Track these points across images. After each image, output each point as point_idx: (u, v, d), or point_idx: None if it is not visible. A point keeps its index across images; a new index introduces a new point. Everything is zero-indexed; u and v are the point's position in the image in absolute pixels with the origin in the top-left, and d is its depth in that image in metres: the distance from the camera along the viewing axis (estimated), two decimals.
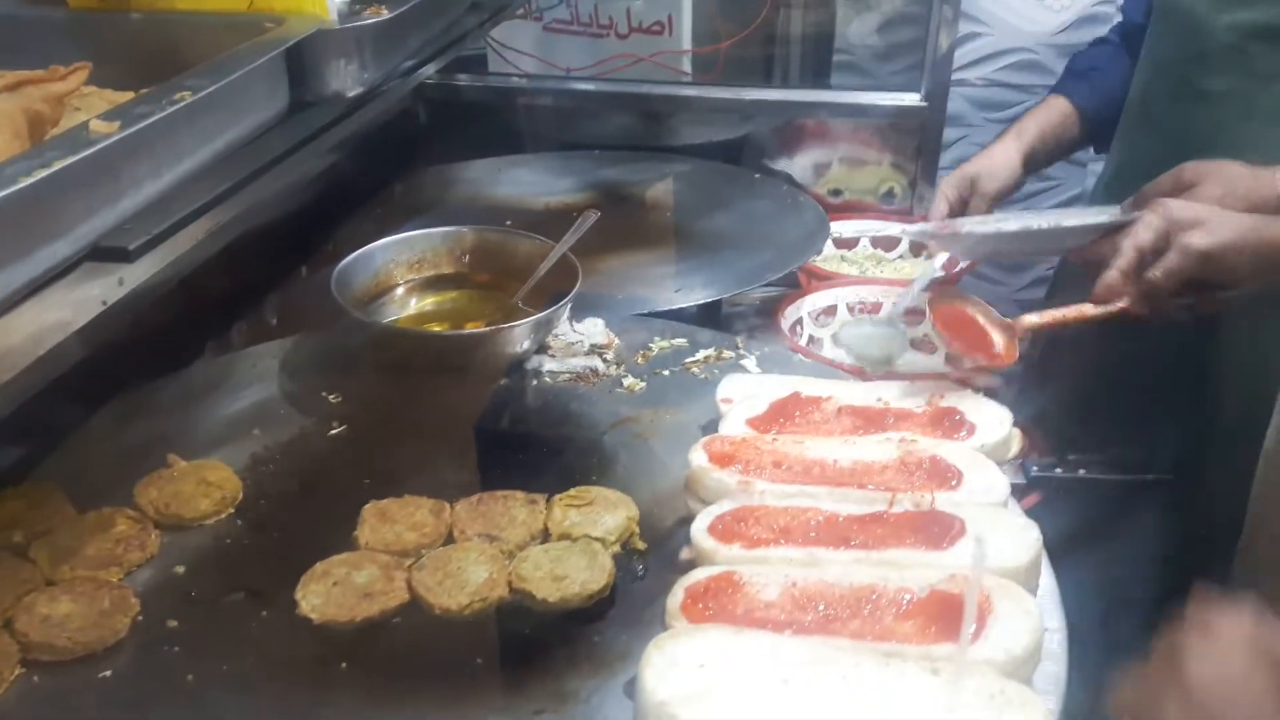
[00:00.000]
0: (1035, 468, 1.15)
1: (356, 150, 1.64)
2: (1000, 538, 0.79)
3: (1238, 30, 1.22)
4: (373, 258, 1.18)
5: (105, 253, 0.63)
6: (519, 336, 1.11)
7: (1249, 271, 0.98)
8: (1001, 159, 1.47)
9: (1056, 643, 0.79)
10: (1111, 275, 1.00)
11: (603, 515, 0.93)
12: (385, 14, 0.92)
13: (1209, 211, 1.00)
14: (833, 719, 0.65)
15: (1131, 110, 1.42)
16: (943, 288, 1.49)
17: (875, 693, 0.66)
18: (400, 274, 1.22)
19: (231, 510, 0.95)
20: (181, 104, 0.68)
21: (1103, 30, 2.05)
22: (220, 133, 0.75)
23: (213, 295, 1.29)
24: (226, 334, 1.31)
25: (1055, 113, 1.52)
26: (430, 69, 1.12)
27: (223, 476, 0.97)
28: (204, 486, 0.95)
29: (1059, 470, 1.16)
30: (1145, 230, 1.00)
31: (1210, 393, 1.27)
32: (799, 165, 1.99)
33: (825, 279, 1.58)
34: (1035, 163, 1.50)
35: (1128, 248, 1.00)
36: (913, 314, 1.48)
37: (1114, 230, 1.05)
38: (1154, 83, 1.36)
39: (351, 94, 0.92)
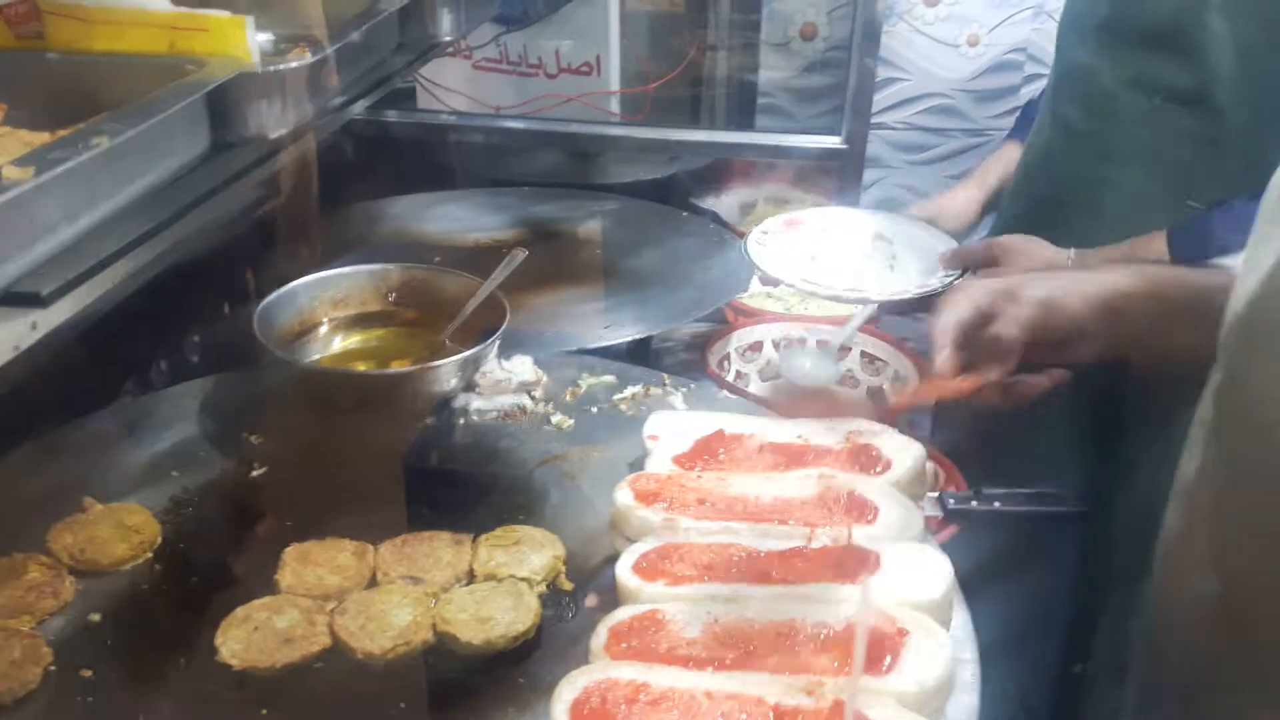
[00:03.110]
0: (952, 500, 1.18)
1: (279, 185, 1.64)
2: (914, 572, 0.82)
3: (1121, 81, 1.29)
4: (296, 296, 1.18)
5: (18, 298, 0.62)
6: (445, 375, 1.12)
7: (1089, 319, 0.95)
8: (963, 201, 1.57)
9: (970, 674, 0.81)
10: (943, 355, 0.96)
11: (529, 555, 0.94)
12: (309, 56, 0.93)
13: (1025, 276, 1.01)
14: None
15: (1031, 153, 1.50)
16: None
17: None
18: (324, 312, 1.21)
19: (150, 554, 0.93)
20: (99, 149, 0.67)
21: (1015, 77, 2.15)
22: (138, 176, 0.74)
23: (133, 335, 1.27)
24: (147, 374, 1.29)
25: (1010, 160, 1.61)
26: (356, 108, 1.12)
27: (141, 520, 0.95)
28: (121, 530, 0.93)
29: (975, 503, 1.19)
30: (965, 301, 0.97)
31: (1123, 425, 1.33)
32: (725, 204, 2.03)
33: (752, 315, 1.62)
34: (992, 206, 1.60)
35: (949, 323, 0.97)
36: (840, 350, 1.53)
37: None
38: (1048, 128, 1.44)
39: (274, 135, 0.92)
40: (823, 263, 1.52)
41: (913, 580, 0.81)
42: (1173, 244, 1.22)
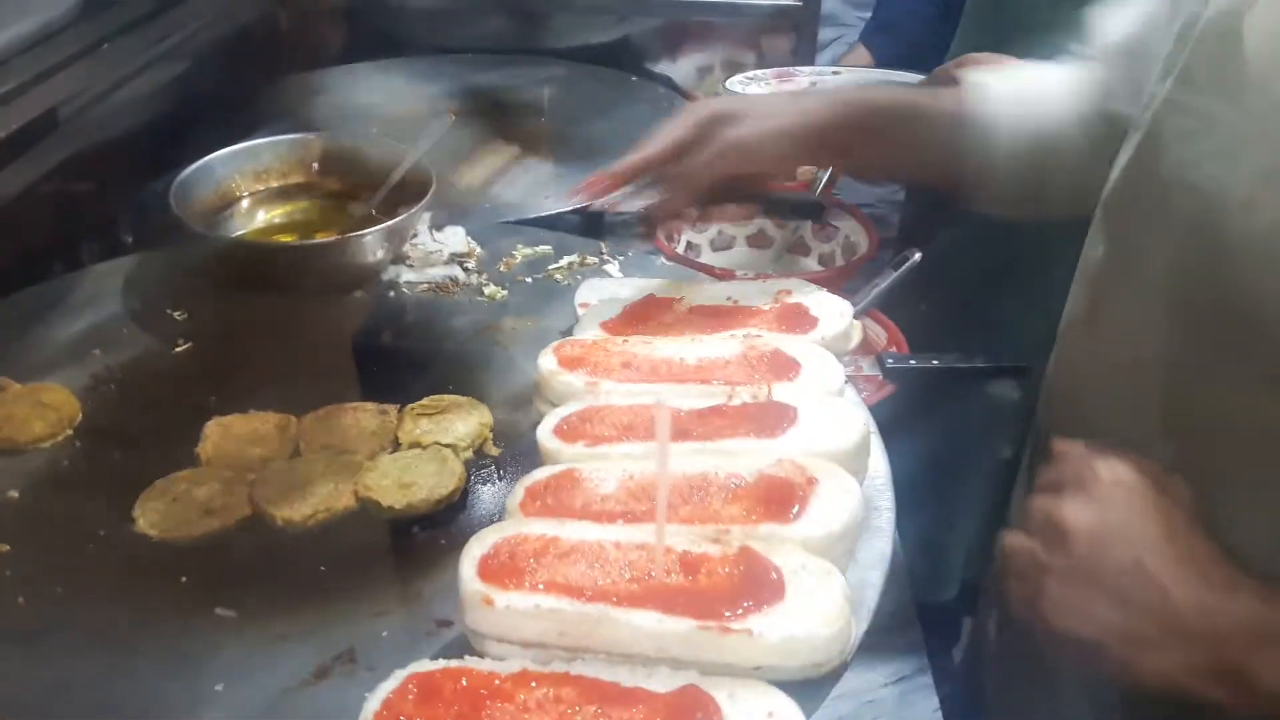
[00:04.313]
0: (890, 359, 1.18)
1: (211, 58, 1.57)
2: (829, 423, 0.82)
3: None
4: (212, 169, 1.14)
5: None
6: (370, 245, 1.09)
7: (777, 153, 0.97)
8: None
9: (885, 520, 0.82)
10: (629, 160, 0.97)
11: (455, 423, 0.93)
12: None
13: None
14: (638, 586, 0.67)
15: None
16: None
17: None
18: (245, 185, 1.17)
19: (69, 432, 0.92)
20: None
21: None
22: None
23: (54, 213, 1.24)
24: (73, 253, 1.26)
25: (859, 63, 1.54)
26: None
27: (59, 398, 0.94)
28: (39, 408, 0.92)
29: (913, 362, 1.19)
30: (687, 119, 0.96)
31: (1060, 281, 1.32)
32: (680, 68, 1.97)
33: None
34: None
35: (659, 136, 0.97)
36: None
37: None
38: None
39: None
40: None
41: (827, 431, 0.81)
42: None
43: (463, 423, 0.93)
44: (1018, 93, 0.99)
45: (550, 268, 1.20)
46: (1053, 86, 0.98)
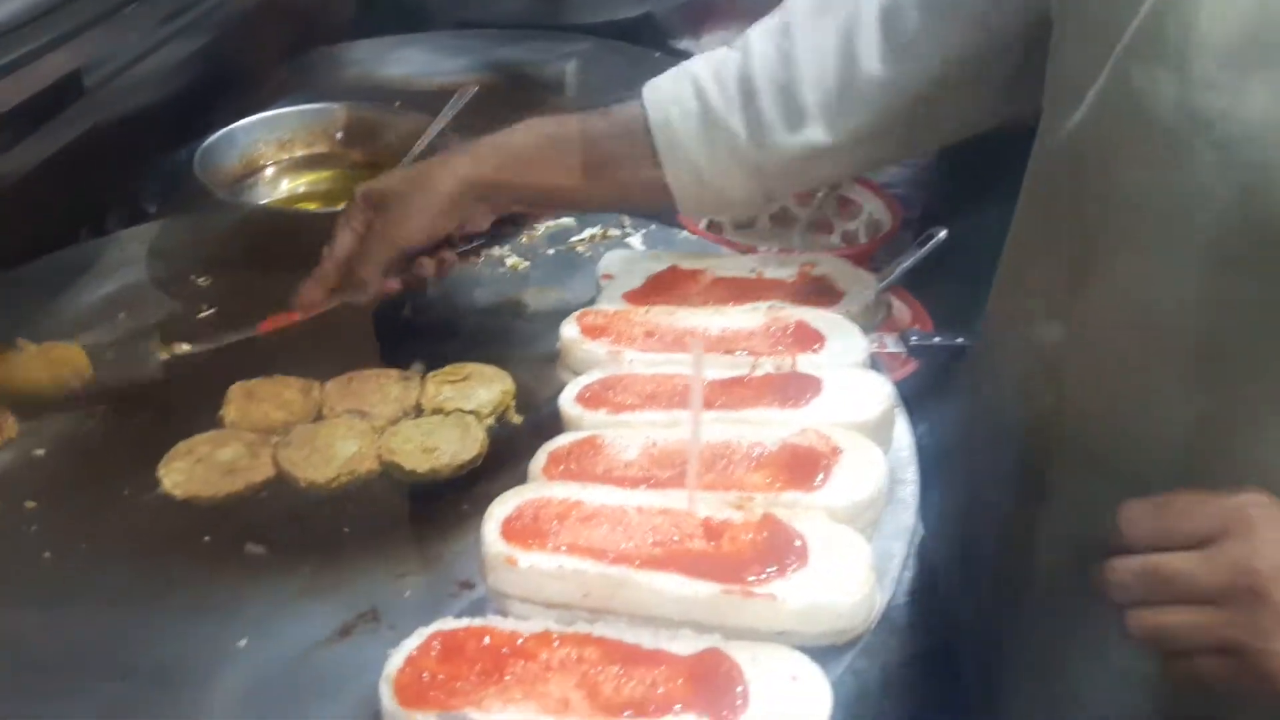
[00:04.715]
0: (915, 336, 1.18)
1: (234, 30, 1.57)
2: (854, 394, 0.81)
3: None
4: (236, 137, 1.14)
5: None
6: None
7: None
8: None
9: (909, 493, 0.82)
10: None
11: (477, 389, 0.93)
12: None
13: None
14: (661, 550, 0.67)
15: None
16: None
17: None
18: (269, 154, 1.18)
19: (77, 386, 0.93)
20: None
21: None
22: None
23: (81, 182, 1.24)
24: (98, 221, 1.26)
25: None
26: None
27: (70, 354, 0.94)
28: (51, 366, 0.93)
29: (937, 339, 1.19)
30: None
31: None
32: (704, 46, 1.94)
33: None
34: None
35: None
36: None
37: None
38: None
39: None
40: None
41: (852, 402, 0.80)
42: None
43: (485, 390, 0.93)
44: (693, 87, 0.94)
45: (572, 239, 1.20)
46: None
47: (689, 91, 0.94)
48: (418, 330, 1.07)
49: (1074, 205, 0.79)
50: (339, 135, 1.20)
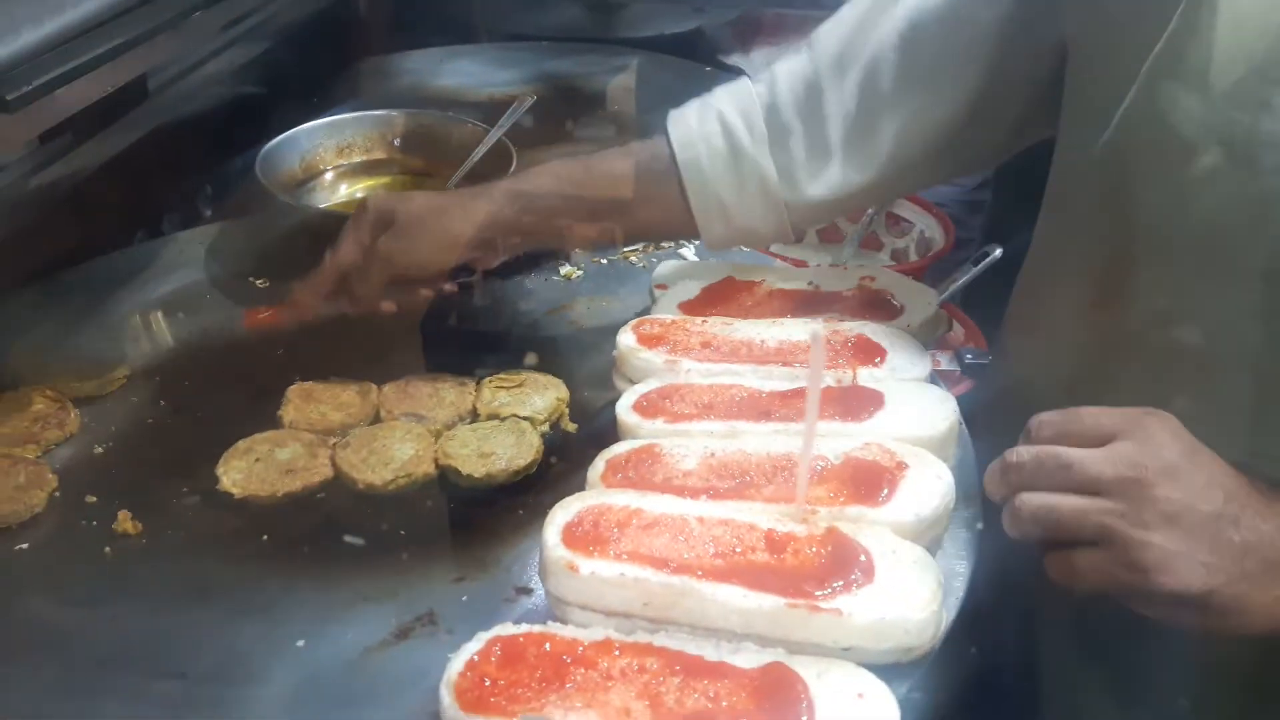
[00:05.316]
0: (970, 355, 1.16)
1: (291, 40, 1.59)
2: (918, 409, 0.80)
3: None
4: (298, 142, 1.15)
5: None
6: None
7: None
8: None
9: (970, 512, 0.80)
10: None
11: (532, 396, 0.93)
12: None
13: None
14: (723, 561, 0.66)
15: None
16: None
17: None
18: (328, 159, 1.18)
19: (123, 381, 0.94)
20: None
21: None
22: None
23: (141, 184, 1.26)
24: (156, 222, 1.28)
25: None
26: None
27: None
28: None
29: (992, 358, 1.17)
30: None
31: None
32: (755, 61, 1.95)
33: None
34: None
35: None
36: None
37: None
38: None
39: None
40: None
41: (916, 417, 0.79)
42: None
43: (540, 397, 0.93)
44: (713, 119, 0.94)
45: (625, 250, 1.20)
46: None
47: (716, 130, 0.94)
48: (470, 336, 1.07)
49: (1099, 223, 0.78)
50: (397, 141, 1.21)
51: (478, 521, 0.82)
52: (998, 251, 1.27)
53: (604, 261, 1.18)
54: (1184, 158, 0.69)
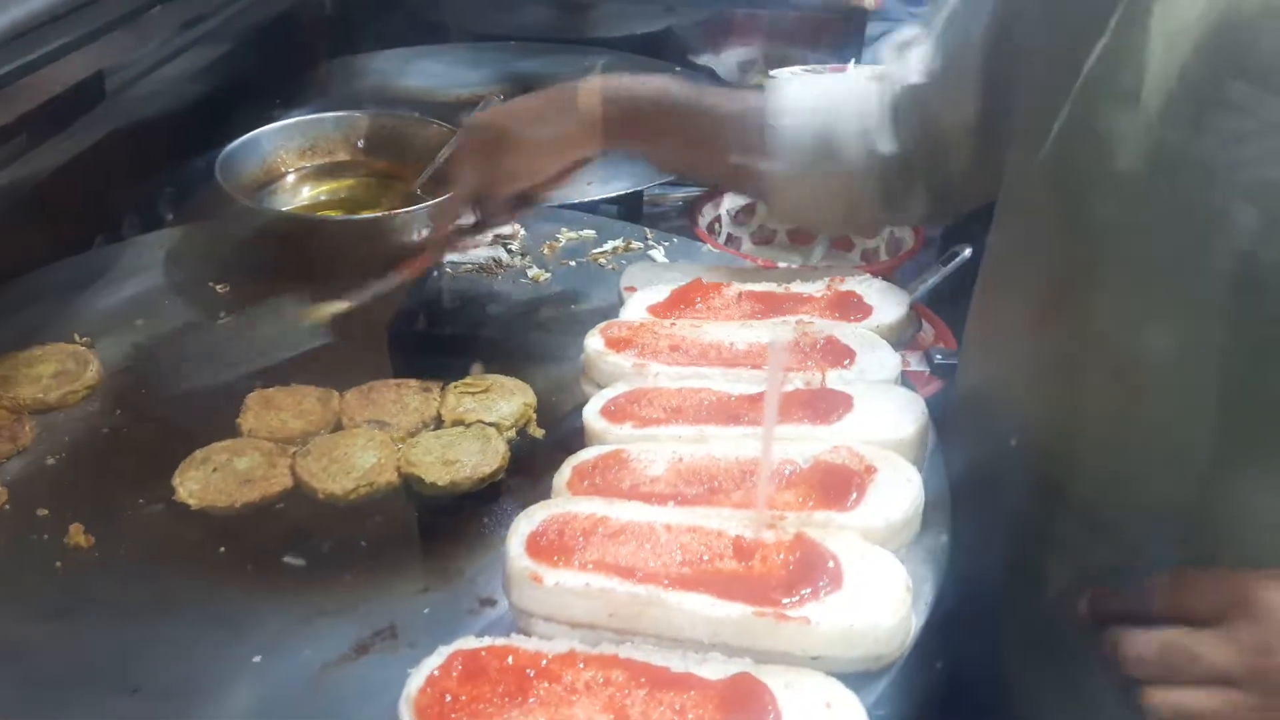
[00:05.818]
0: (939, 355, 1.16)
1: (253, 39, 1.56)
2: (887, 412, 0.79)
3: None
4: (259, 144, 1.13)
5: None
6: (415, 223, 1.07)
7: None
8: None
9: (941, 515, 0.79)
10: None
11: (499, 402, 0.91)
12: None
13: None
14: (690, 570, 0.65)
15: None
16: None
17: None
18: (290, 161, 1.16)
19: (85, 391, 0.92)
20: None
21: None
22: None
23: (100, 187, 1.23)
24: (116, 226, 1.25)
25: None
26: None
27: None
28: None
29: (959, 360, 1.16)
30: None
31: None
32: (723, 61, 1.94)
33: None
34: None
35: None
36: None
37: None
38: None
39: None
40: None
41: (885, 420, 0.78)
42: None
43: (506, 402, 0.91)
44: (816, 97, 0.96)
45: (594, 252, 1.19)
46: (852, 93, 0.96)
47: (809, 105, 0.95)
48: (436, 340, 1.06)
49: (1042, 234, 0.77)
50: (361, 143, 1.19)
51: (441, 531, 0.80)
52: (967, 251, 1.27)
53: (572, 264, 1.17)
54: (1118, 176, 0.68)
